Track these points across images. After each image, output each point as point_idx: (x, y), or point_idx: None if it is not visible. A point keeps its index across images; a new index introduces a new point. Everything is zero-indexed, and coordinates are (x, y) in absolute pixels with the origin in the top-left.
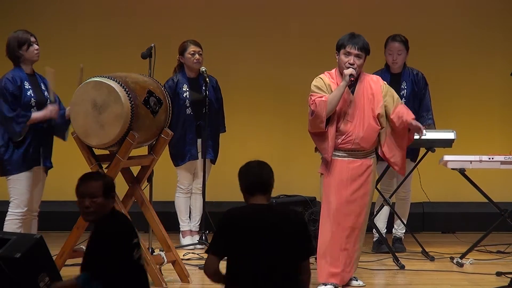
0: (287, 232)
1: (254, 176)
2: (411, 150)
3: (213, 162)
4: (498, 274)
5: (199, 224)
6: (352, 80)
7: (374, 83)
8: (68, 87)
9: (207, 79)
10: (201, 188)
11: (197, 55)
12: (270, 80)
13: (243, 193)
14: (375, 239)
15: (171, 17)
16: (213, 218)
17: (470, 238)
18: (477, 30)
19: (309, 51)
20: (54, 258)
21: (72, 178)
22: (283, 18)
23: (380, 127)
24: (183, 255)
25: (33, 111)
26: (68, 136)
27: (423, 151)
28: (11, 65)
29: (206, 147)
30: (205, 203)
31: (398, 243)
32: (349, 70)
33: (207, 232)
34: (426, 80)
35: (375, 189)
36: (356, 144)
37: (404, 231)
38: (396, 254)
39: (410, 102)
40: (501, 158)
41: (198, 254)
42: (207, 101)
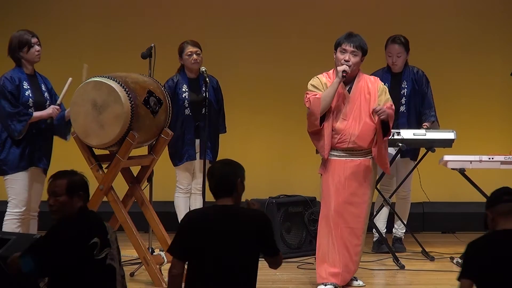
0: (249, 233)
1: (216, 177)
2: (411, 150)
3: (211, 163)
4: None
5: None
6: (344, 76)
7: (371, 83)
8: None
9: (207, 80)
10: (200, 188)
11: (194, 56)
12: (271, 80)
13: (211, 191)
14: (375, 239)
15: (171, 17)
16: None
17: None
18: (477, 30)
19: (309, 51)
20: None
21: None
22: (283, 18)
23: (375, 126)
24: None
25: (31, 111)
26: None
27: (423, 151)
28: (13, 63)
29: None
30: (204, 203)
31: (398, 243)
32: (342, 67)
33: None
34: (427, 78)
35: (375, 189)
36: (353, 143)
37: (404, 231)
38: (396, 254)
39: (411, 101)
40: (501, 158)
41: None
42: (207, 101)
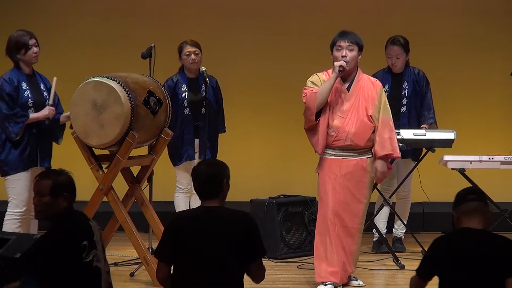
0: (237, 233)
1: (202, 178)
2: (411, 150)
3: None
4: None
5: None
6: (341, 71)
7: (372, 85)
8: (67, 86)
9: (207, 79)
10: None
11: (193, 55)
12: (271, 78)
13: (197, 193)
14: (375, 239)
15: (171, 17)
16: None
17: None
18: (477, 29)
19: (309, 50)
20: None
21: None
22: (283, 17)
23: (373, 125)
24: None
25: (30, 111)
26: (67, 138)
27: (423, 151)
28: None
29: (204, 148)
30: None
31: (398, 243)
32: (339, 62)
33: None
34: (428, 79)
35: (376, 189)
36: (349, 141)
37: (404, 231)
38: (396, 254)
39: (412, 101)
40: (501, 158)
41: None
42: (206, 101)
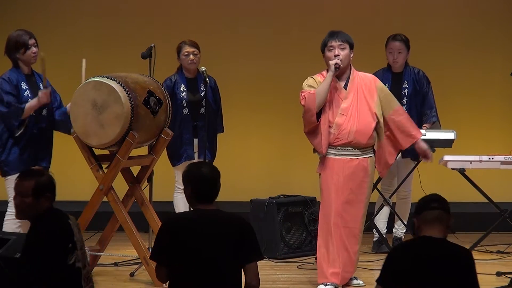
0: (234, 234)
1: (209, 182)
2: (411, 150)
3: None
4: (498, 274)
5: None
6: (337, 68)
7: (368, 80)
8: (68, 85)
9: (207, 80)
10: None
11: (191, 56)
12: (270, 78)
13: (191, 198)
14: (375, 239)
15: (171, 17)
16: None
17: (470, 238)
18: (477, 28)
19: (309, 49)
20: None
21: (72, 178)
22: (283, 15)
23: (375, 122)
24: None
25: (23, 105)
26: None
27: None
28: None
29: (203, 148)
30: None
31: (399, 243)
32: (333, 61)
33: None
34: (428, 78)
35: (376, 189)
36: (352, 138)
37: (404, 231)
38: None
39: (412, 101)
40: (501, 158)
41: None
42: (205, 101)
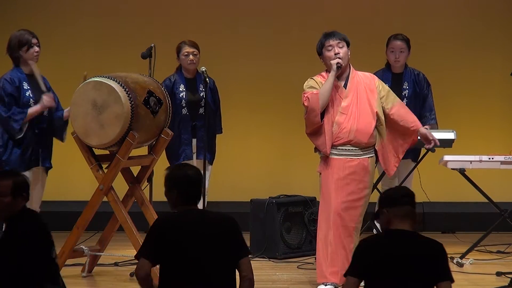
0: (221, 236)
1: (197, 184)
2: (411, 150)
3: (210, 163)
4: (498, 274)
5: None
6: (339, 67)
7: (368, 79)
8: (67, 85)
9: (207, 80)
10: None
11: (191, 56)
12: (270, 78)
13: (176, 200)
14: None
15: (171, 17)
16: None
17: (470, 238)
18: (477, 27)
19: (309, 49)
20: None
21: (72, 178)
22: (283, 15)
23: (376, 120)
24: None
25: (26, 110)
26: (67, 137)
27: (423, 151)
28: (10, 63)
29: (202, 148)
30: (204, 204)
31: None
32: (335, 60)
33: None
34: (428, 81)
35: (376, 189)
36: (352, 137)
37: None
38: None
39: (412, 102)
40: (501, 158)
41: None
42: (205, 101)
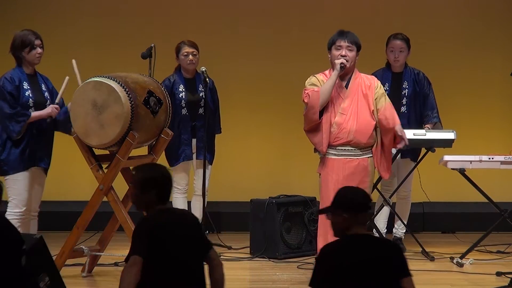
0: (192, 231)
1: (170, 184)
2: (411, 150)
3: (210, 163)
4: (498, 274)
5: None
6: (343, 68)
7: (368, 81)
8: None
9: (207, 80)
10: (200, 189)
11: (190, 56)
12: (270, 78)
13: (153, 200)
14: None
15: (171, 17)
16: (212, 218)
17: (470, 238)
18: (477, 27)
19: (309, 49)
20: (54, 258)
21: (72, 178)
22: (283, 15)
23: (375, 122)
24: None
25: (31, 111)
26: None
27: (423, 151)
28: (12, 62)
29: (202, 148)
30: (205, 204)
31: (399, 243)
32: (340, 60)
33: (207, 232)
34: (429, 80)
35: (376, 189)
36: (351, 137)
37: (404, 231)
38: None
39: (412, 101)
40: (501, 158)
41: None
42: (205, 101)
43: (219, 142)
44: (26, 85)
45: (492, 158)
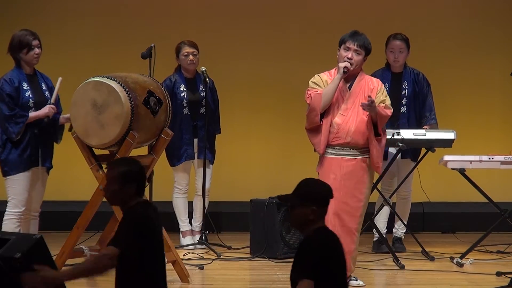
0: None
1: (145, 176)
2: (411, 150)
3: (211, 163)
4: (498, 274)
5: (201, 225)
6: (346, 72)
7: (373, 84)
8: (68, 85)
9: (207, 80)
10: (201, 189)
11: (191, 56)
12: (270, 78)
13: (133, 193)
14: (375, 239)
15: (171, 17)
16: (212, 218)
17: (470, 238)
18: (477, 28)
19: (309, 49)
20: (54, 258)
21: (72, 178)
22: (283, 15)
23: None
24: (183, 255)
25: (31, 111)
26: (67, 138)
27: (423, 151)
28: (11, 62)
29: (203, 148)
30: (205, 204)
31: (398, 243)
32: (343, 63)
33: (207, 232)
34: (428, 81)
35: (376, 189)
36: (349, 138)
37: (404, 231)
38: (396, 254)
39: (412, 101)
40: (501, 158)
41: (198, 254)
42: (206, 101)
43: (219, 142)
44: (25, 85)
45: (492, 158)
